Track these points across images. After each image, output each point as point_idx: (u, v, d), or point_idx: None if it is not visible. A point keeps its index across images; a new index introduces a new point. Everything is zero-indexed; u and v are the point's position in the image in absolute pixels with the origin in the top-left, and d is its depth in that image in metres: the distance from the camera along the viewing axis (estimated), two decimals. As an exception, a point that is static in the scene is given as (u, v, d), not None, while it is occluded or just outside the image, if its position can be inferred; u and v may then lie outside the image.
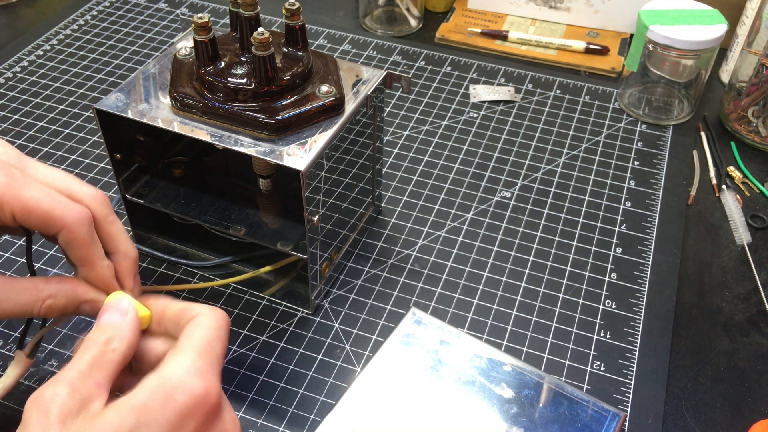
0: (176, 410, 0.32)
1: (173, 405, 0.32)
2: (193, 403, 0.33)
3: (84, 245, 0.39)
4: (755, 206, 0.65)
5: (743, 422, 0.48)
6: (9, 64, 0.79)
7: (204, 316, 0.37)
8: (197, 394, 0.33)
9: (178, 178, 0.57)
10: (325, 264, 0.53)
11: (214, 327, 0.37)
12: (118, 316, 0.37)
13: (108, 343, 0.35)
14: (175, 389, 0.33)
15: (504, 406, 0.46)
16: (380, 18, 0.87)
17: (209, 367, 0.35)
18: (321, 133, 0.47)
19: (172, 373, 0.33)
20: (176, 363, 0.34)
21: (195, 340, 0.36)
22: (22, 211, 0.37)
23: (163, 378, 0.33)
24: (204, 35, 0.46)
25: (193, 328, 0.36)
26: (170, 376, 0.33)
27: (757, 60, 0.68)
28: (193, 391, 0.33)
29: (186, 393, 0.33)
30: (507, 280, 0.57)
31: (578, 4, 0.85)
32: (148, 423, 0.31)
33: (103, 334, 0.36)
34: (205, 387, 0.34)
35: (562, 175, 0.67)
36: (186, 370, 0.34)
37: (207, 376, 0.34)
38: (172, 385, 0.33)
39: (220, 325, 0.37)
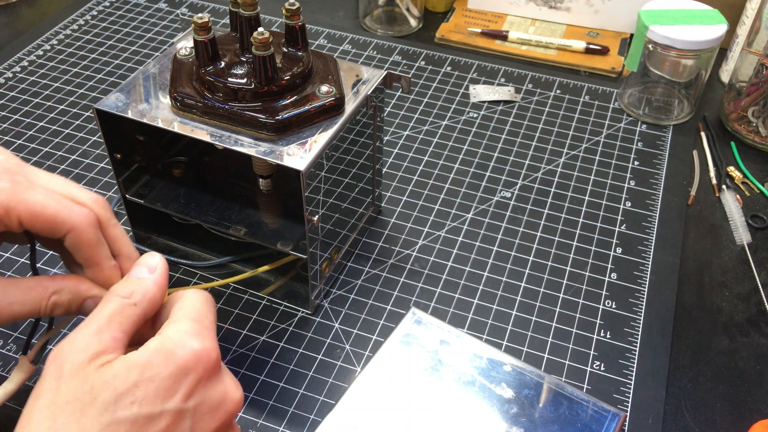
0: (177, 364, 0.34)
1: (174, 359, 0.34)
2: (194, 358, 0.35)
3: (92, 246, 0.40)
4: (755, 206, 0.65)
5: (743, 422, 0.48)
6: (9, 64, 0.79)
7: (191, 292, 0.39)
8: (196, 350, 0.35)
9: (178, 178, 0.57)
10: (325, 264, 0.53)
11: (202, 300, 0.38)
12: (146, 272, 0.39)
13: (130, 296, 0.37)
14: (175, 346, 0.34)
15: (504, 406, 0.46)
16: (380, 18, 0.87)
17: (205, 330, 0.36)
18: (321, 133, 0.47)
19: (172, 335, 0.35)
20: (174, 328, 0.36)
21: (187, 310, 0.37)
22: (29, 215, 0.38)
23: (164, 338, 0.35)
24: (204, 35, 0.46)
25: (183, 301, 0.38)
26: (170, 336, 0.35)
27: (757, 60, 0.68)
28: (192, 348, 0.35)
29: (185, 349, 0.35)
30: (507, 280, 0.57)
31: (578, 4, 0.85)
32: (152, 377, 0.33)
33: (126, 287, 0.37)
34: (203, 345, 0.35)
35: (562, 175, 0.67)
36: (184, 331, 0.35)
37: (204, 336, 0.36)
38: (173, 343, 0.35)
39: (208, 298, 0.39)
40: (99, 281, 0.41)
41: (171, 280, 0.56)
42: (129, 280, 0.38)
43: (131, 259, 0.42)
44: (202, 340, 0.35)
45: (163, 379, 0.33)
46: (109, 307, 0.36)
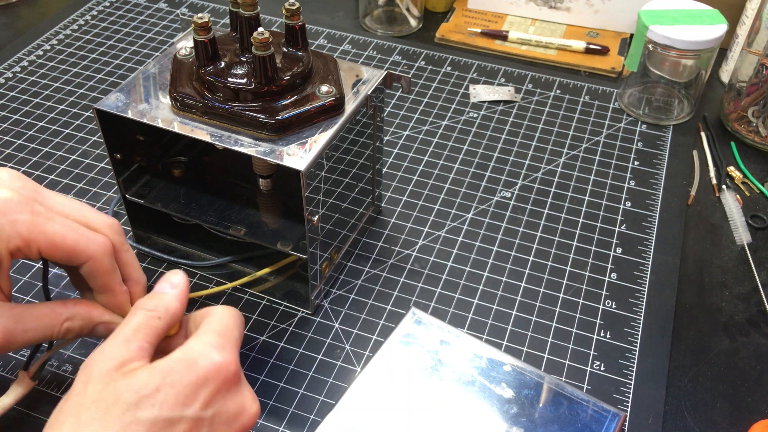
0: (198, 374, 0.36)
1: (195, 369, 0.36)
2: (214, 369, 0.36)
3: (106, 274, 0.42)
4: (755, 206, 0.65)
5: (743, 422, 0.48)
6: (9, 64, 0.79)
7: (221, 308, 0.41)
8: (217, 362, 0.37)
9: (178, 178, 0.57)
10: (325, 264, 0.53)
11: (231, 315, 0.40)
12: (168, 287, 0.41)
13: (154, 310, 0.39)
14: (198, 356, 0.37)
15: (504, 406, 0.46)
16: (380, 18, 0.87)
17: (228, 344, 0.38)
18: (321, 133, 0.47)
19: (195, 346, 0.37)
20: (198, 340, 0.38)
21: (214, 324, 0.39)
22: (49, 246, 0.40)
23: (188, 348, 0.37)
24: (204, 35, 0.46)
25: (211, 316, 0.40)
26: (194, 347, 0.37)
27: (757, 60, 0.68)
28: (213, 359, 0.37)
29: (207, 360, 0.36)
30: (507, 280, 0.57)
31: (578, 4, 0.85)
32: (173, 383, 0.35)
33: (151, 301, 0.40)
34: (224, 357, 0.37)
35: (562, 175, 0.67)
36: (207, 344, 0.37)
37: (226, 350, 0.38)
38: (196, 353, 0.37)
39: (236, 314, 0.41)
40: (110, 306, 0.44)
41: (171, 280, 0.56)
42: (153, 295, 0.41)
43: (140, 284, 0.45)
44: (224, 352, 0.37)
45: (183, 386, 0.35)
46: (136, 319, 0.38)
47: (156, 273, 0.57)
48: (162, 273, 0.57)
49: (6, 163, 0.67)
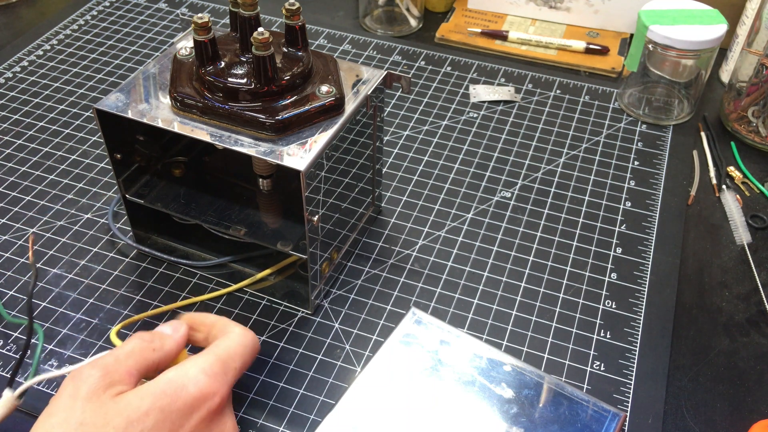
0: (185, 400, 0.36)
1: (183, 395, 0.36)
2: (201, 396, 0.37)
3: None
4: (755, 206, 0.65)
5: (743, 422, 0.48)
6: (9, 64, 0.79)
7: (236, 333, 0.41)
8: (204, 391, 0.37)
9: (178, 178, 0.57)
10: (325, 264, 0.53)
11: (240, 344, 0.41)
12: (170, 330, 0.42)
13: (151, 342, 0.40)
14: (188, 381, 0.37)
15: (504, 406, 0.46)
16: (380, 18, 0.87)
17: (222, 374, 0.39)
18: (321, 133, 0.47)
19: (189, 369, 0.38)
20: (195, 362, 0.38)
21: (219, 348, 0.40)
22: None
23: (180, 371, 0.38)
24: (204, 35, 0.46)
25: (221, 339, 0.41)
26: (187, 370, 0.38)
27: (757, 60, 0.68)
28: (201, 387, 0.37)
29: (195, 387, 0.37)
30: (507, 280, 0.57)
31: (578, 4, 0.85)
32: (162, 407, 0.36)
33: (150, 335, 0.41)
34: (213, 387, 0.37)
35: (562, 175, 0.67)
36: (201, 369, 0.38)
37: (218, 379, 0.38)
38: (188, 377, 0.37)
39: (247, 343, 0.41)
40: None
41: (171, 280, 0.56)
42: (154, 331, 0.42)
43: None
44: (214, 382, 0.38)
45: (172, 412, 0.36)
46: (131, 344, 0.39)
47: (156, 273, 0.57)
48: (162, 273, 0.57)
49: (6, 163, 0.67)
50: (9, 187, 0.64)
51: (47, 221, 0.61)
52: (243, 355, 0.41)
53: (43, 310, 0.54)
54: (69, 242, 0.59)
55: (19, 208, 0.62)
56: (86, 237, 0.60)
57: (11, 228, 0.61)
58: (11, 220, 0.61)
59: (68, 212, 0.62)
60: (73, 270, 0.57)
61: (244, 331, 0.42)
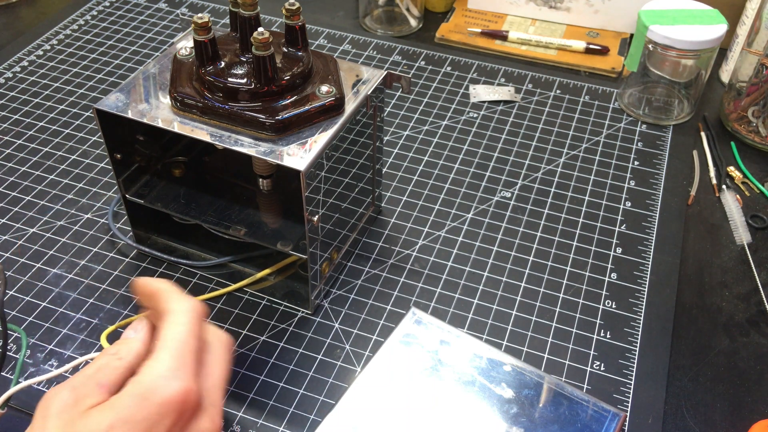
0: (150, 409, 0.35)
1: (148, 404, 0.35)
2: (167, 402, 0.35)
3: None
4: (755, 206, 0.65)
5: (743, 422, 0.48)
6: (9, 64, 0.79)
7: (175, 314, 0.39)
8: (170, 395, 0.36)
9: (178, 178, 0.57)
10: (325, 264, 0.53)
11: (185, 323, 0.39)
12: (133, 332, 0.41)
13: (116, 353, 0.39)
14: (148, 391, 0.36)
15: (504, 406, 0.46)
16: (380, 18, 0.87)
17: (182, 366, 0.37)
18: (321, 133, 0.47)
19: (147, 377, 0.36)
20: (150, 368, 0.37)
21: (166, 341, 0.38)
22: None
23: (139, 383, 0.36)
24: (204, 35, 0.46)
25: (165, 330, 0.39)
26: (145, 380, 0.36)
27: (757, 60, 0.68)
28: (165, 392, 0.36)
29: (159, 394, 0.36)
30: (507, 280, 0.57)
31: (578, 4, 0.85)
32: (126, 419, 0.35)
33: (115, 345, 0.40)
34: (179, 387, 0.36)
35: (562, 175, 0.67)
36: (159, 374, 0.36)
37: (180, 376, 0.37)
38: (146, 387, 0.36)
39: (192, 318, 0.39)
40: None
41: (171, 280, 0.56)
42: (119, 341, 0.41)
43: None
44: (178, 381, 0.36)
45: (137, 422, 0.35)
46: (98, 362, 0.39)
47: (156, 273, 0.57)
48: (162, 273, 0.57)
49: (6, 163, 0.67)
50: (9, 187, 0.64)
51: (47, 221, 0.61)
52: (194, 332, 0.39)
53: (43, 310, 0.54)
54: (69, 242, 0.59)
55: (19, 208, 0.62)
56: (86, 237, 0.60)
57: (11, 228, 0.61)
58: (11, 220, 0.61)
59: (68, 212, 0.62)
60: (73, 270, 0.57)
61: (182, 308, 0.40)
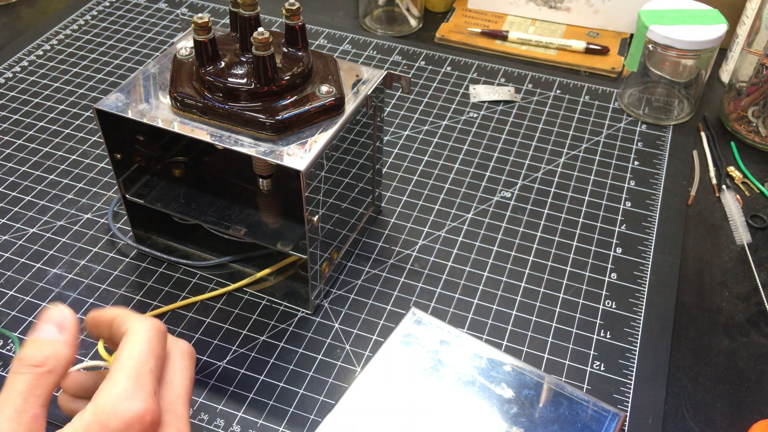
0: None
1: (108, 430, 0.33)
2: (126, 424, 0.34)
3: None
4: (755, 206, 0.65)
5: (743, 422, 0.48)
6: (9, 64, 0.79)
7: (132, 334, 0.37)
8: (129, 418, 0.34)
9: (178, 178, 0.57)
10: (325, 264, 0.53)
11: (142, 341, 0.37)
12: (55, 331, 0.36)
13: (43, 364, 0.35)
14: (107, 417, 0.34)
15: (504, 406, 0.46)
16: (380, 18, 0.87)
17: (139, 387, 0.35)
18: (321, 133, 0.47)
19: (104, 401, 0.34)
20: (107, 390, 0.35)
21: (123, 362, 0.36)
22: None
23: (97, 407, 0.34)
24: (204, 35, 0.46)
25: (120, 351, 0.37)
26: (103, 403, 0.34)
27: (757, 60, 0.68)
28: (124, 416, 0.34)
29: (118, 418, 0.34)
30: (507, 280, 0.57)
31: (578, 4, 0.85)
32: None
33: (37, 353, 0.35)
34: (136, 408, 0.34)
35: (562, 175, 0.67)
36: (117, 396, 0.34)
37: (138, 397, 0.35)
38: (105, 413, 0.34)
39: (150, 337, 0.37)
40: None
41: (171, 280, 0.56)
42: (38, 344, 0.36)
43: None
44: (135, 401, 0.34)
45: None
46: (23, 381, 0.34)
47: (156, 273, 0.57)
48: (162, 273, 0.57)
49: (6, 163, 0.67)
50: (9, 187, 0.64)
51: (47, 221, 0.61)
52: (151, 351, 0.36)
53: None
54: (69, 242, 0.59)
55: (19, 208, 0.62)
56: (86, 237, 0.60)
57: (11, 228, 0.61)
58: (11, 220, 0.61)
59: (68, 212, 0.62)
60: (73, 270, 0.57)
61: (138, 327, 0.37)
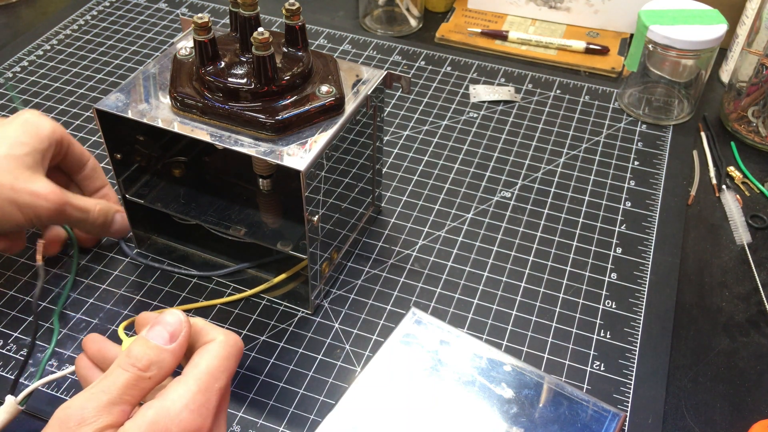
0: None
1: None
2: None
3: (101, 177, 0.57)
4: (755, 206, 0.65)
5: (743, 422, 0.48)
6: (9, 64, 0.79)
7: (215, 344, 0.38)
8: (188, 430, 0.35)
9: (178, 178, 0.57)
10: (325, 264, 0.53)
11: (222, 356, 0.38)
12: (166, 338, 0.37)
13: (147, 369, 0.36)
14: (171, 421, 0.34)
15: (504, 406, 0.46)
16: (380, 18, 0.87)
17: (206, 403, 0.36)
18: (321, 133, 0.47)
19: (172, 405, 0.35)
20: (177, 394, 0.36)
21: (199, 371, 0.37)
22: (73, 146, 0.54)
23: (163, 409, 0.35)
24: (204, 35, 0.46)
25: (200, 357, 0.37)
26: (170, 407, 0.35)
27: (757, 60, 0.68)
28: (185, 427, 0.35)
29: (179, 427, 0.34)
30: (507, 280, 0.57)
31: (578, 4, 0.85)
32: None
33: (144, 358, 0.36)
34: (197, 423, 0.35)
35: (562, 175, 0.67)
36: (185, 405, 0.35)
37: (202, 413, 0.36)
38: (170, 417, 0.34)
39: (230, 354, 0.38)
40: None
41: (171, 280, 0.56)
42: (147, 348, 0.37)
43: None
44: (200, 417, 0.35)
45: None
46: (124, 377, 0.36)
47: (156, 272, 0.57)
48: (162, 273, 0.57)
49: (6, 163, 0.67)
50: (9, 187, 0.64)
51: (47, 221, 0.61)
52: (227, 369, 0.38)
53: (43, 310, 0.54)
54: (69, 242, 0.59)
55: (19, 208, 0.62)
56: (86, 237, 0.60)
57: (11, 228, 0.61)
58: (11, 220, 0.61)
59: (68, 212, 0.62)
60: (73, 270, 0.57)
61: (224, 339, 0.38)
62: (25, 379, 0.49)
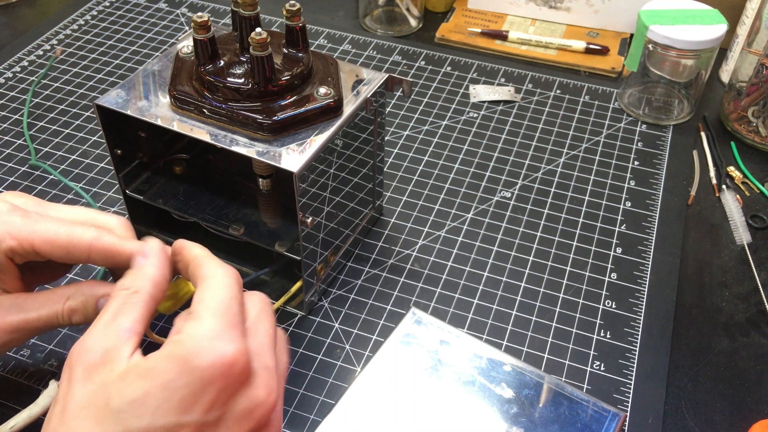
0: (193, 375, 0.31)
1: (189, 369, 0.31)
2: (212, 366, 0.31)
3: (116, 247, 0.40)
4: (755, 206, 0.65)
5: (743, 422, 0.48)
6: (9, 64, 0.79)
7: (213, 278, 0.36)
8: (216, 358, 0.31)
9: (179, 175, 0.57)
10: (321, 266, 0.53)
11: (225, 286, 0.35)
12: (141, 260, 0.37)
13: (130, 286, 0.36)
14: (190, 354, 0.31)
15: (504, 406, 0.46)
16: (380, 18, 0.87)
17: (229, 327, 0.33)
18: (317, 134, 0.47)
19: (188, 338, 0.32)
20: (194, 327, 0.33)
21: (208, 302, 0.34)
22: (43, 243, 0.39)
23: (179, 342, 0.32)
24: (203, 34, 0.46)
25: (203, 292, 0.35)
26: (186, 340, 0.32)
27: (757, 60, 0.68)
28: (210, 356, 0.31)
29: (204, 357, 0.31)
30: (507, 280, 0.57)
31: (578, 4, 0.85)
32: (164, 385, 0.31)
33: (126, 280, 0.36)
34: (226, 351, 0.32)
35: (562, 175, 0.67)
36: (203, 335, 0.32)
37: (228, 337, 0.32)
38: (188, 349, 0.32)
39: (232, 283, 0.36)
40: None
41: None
42: (129, 273, 0.37)
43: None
44: (226, 341, 0.32)
45: (177, 389, 0.31)
46: (113, 302, 0.35)
47: (155, 273, 0.57)
48: (161, 273, 0.57)
49: (6, 163, 0.67)
50: (9, 187, 0.64)
51: (47, 221, 0.61)
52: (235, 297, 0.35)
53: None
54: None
55: (18, 207, 0.62)
56: (86, 237, 0.60)
57: (11, 228, 0.60)
58: (11, 220, 0.61)
59: (68, 212, 0.62)
60: (73, 269, 0.57)
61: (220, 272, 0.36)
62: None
